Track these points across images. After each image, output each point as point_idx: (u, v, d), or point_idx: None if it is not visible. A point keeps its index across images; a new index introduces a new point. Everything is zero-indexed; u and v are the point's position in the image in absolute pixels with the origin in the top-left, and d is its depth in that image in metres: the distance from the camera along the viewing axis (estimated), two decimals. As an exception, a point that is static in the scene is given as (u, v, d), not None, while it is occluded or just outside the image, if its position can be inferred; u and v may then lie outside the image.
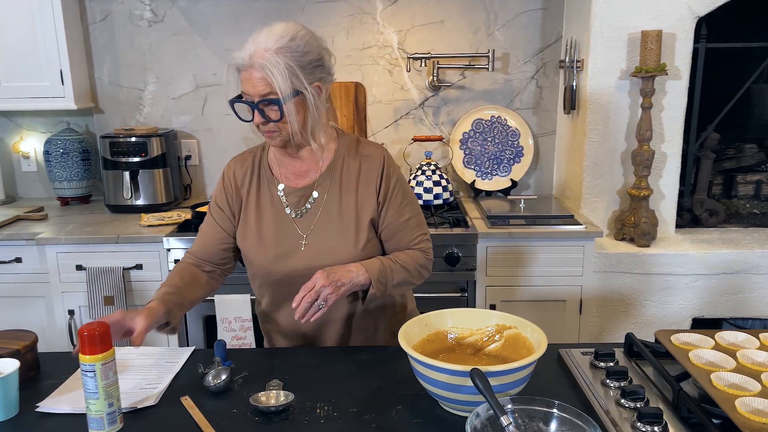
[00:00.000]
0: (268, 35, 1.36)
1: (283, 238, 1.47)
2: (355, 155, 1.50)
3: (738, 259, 2.51)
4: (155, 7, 2.92)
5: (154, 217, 2.66)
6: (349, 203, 1.48)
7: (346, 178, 1.49)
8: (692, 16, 2.51)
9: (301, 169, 1.51)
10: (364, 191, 1.48)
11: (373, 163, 1.49)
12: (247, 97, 1.37)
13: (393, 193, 1.49)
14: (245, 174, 1.54)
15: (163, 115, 3.03)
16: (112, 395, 1.15)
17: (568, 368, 1.33)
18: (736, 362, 1.16)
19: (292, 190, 1.50)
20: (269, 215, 1.50)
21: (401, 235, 1.51)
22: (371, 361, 1.41)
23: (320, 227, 1.47)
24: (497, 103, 3.02)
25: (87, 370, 1.13)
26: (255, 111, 1.37)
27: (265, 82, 1.33)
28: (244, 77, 1.36)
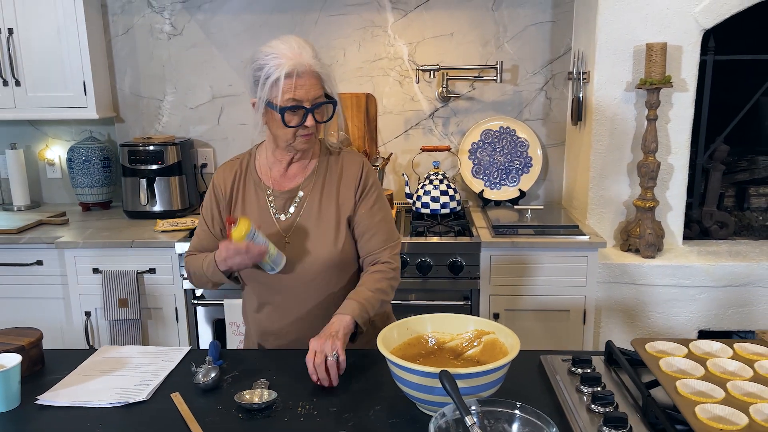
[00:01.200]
0: (303, 46, 1.46)
1: (269, 238, 1.54)
2: (337, 161, 1.61)
3: (745, 272, 2.49)
4: (175, 20, 3.03)
5: (168, 222, 2.75)
6: (330, 205, 1.56)
7: (328, 182, 1.58)
8: (699, 28, 2.52)
9: (290, 174, 1.60)
10: (345, 193, 1.57)
11: (354, 167, 1.60)
12: (298, 103, 1.44)
13: (368, 193, 1.59)
14: (234, 180, 1.62)
15: (181, 124, 3.14)
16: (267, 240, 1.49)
17: (547, 374, 1.36)
18: (705, 370, 1.17)
19: (279, 193, 1.59)
20: (254, 218, 1.57)
21: (370, 235, 1.57)
22: (356, 364, 1.46)
23: (302, 227, 1.56)
24: (506, 114, 3.05)
25: (251, 236, 1.44)
26: (310, 114, 1.45)
27: (319, 86, 1.46)
28: (297, 83, 1.42)
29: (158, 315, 2.63)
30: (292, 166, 1.59)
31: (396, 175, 3.14)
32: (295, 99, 1.43)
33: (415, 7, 2.97)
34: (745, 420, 1.01)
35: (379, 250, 1.58)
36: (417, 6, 2.97)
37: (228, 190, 1.62)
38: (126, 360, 1.49)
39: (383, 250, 1.58)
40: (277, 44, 1.44)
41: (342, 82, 3.06)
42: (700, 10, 2.49)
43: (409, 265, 2.50)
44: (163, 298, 2.61)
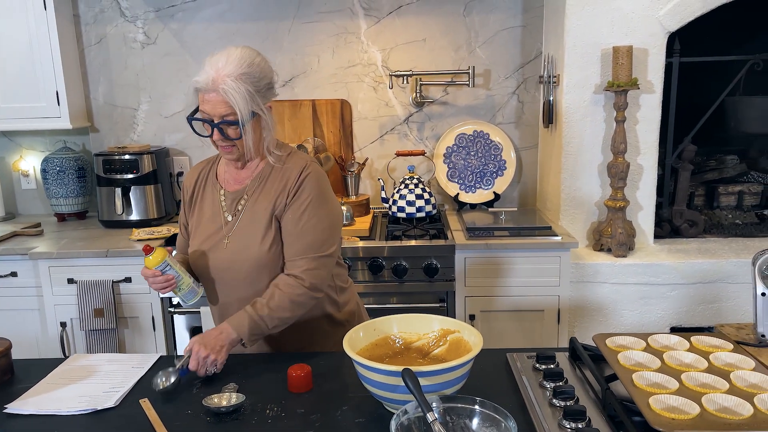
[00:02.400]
0: (227, 61, 1.47)
1: (212, 236, 1.62)
2: (282, 165, 1.60)
3: (714, 269, 2.54)
4: (148, 29, 3.04)
5: (144, 231, 2.75)
6: (267, 206, 1.58)
7: (270, 185, 1.60)
8: (664, 31, 2.57)
9: (240, 176, 1.64)
10: (280, 197, 1.58)
11: (292, 172, 1.58)
12: (206, 116, 1.49)
13: (299, 199, 1.56)
14: (197, 179, 1.70)
15: (156, 133, 3.14)
16: (185, 271, 1.55)
17: (512, 371, 1.39)
18: (661, 363, 1.20)
19: (228, 194, 1.64)
20: (208, 216, 1.65)
21: (290, 242, 1.56)
22: (326, 365, 1.47)
23: (240, 227, 1.60)
24: (480, 118, 3.09)
25: (164, 267, 1.50)
26: (215, 129, 1.49)
27: (227, 105, 1.46)
28: (206, 98, 1.48)
29: (135, 324, 2.62)
30: (241, 171, 1.64)
31: (372, 179, 3.16)
32: (204, 112, 1.49)
33: (387, 13, 3.00)
34: (697, 409, 1.04)
35: (295, 258, 1.55)
36: (389, 12, 3.00)
37: (191, 190, 1.70)
38: (95, 368, 1.50)
39: (299, 260, 1.55)
40: (212, 56, 1.50)
41: (317, 89, 3.08)
42: (664, 14, 2.55)
43: (386, 268, 2.52)
44: (140, 306, 2.60)
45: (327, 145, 3.08)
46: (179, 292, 1.55)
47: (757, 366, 1.18)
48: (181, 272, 1.54)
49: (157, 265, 1.49)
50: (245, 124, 1.48)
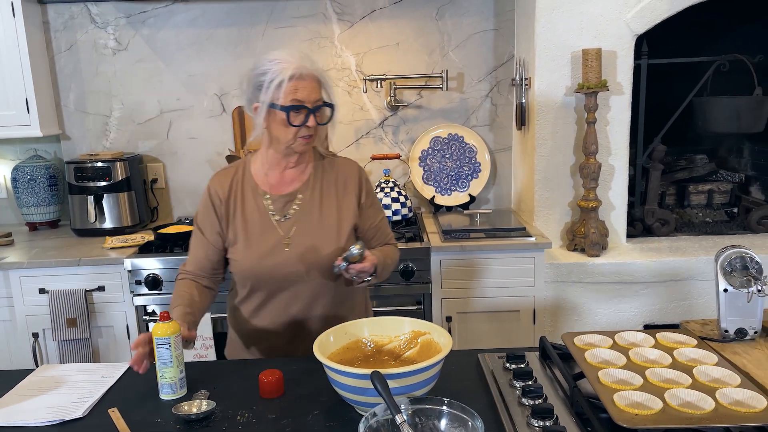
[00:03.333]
0: (303, 54, 1.57)
1: (268, 240, 1.62)
2: (333, 165, 1.70)
3: (685, 267, 2.59)
4: (119, 36, 3.01)
5: (117, 239, 2.72)
6: (330, 206, 1.65)
7: (326, 186, 1.67)
8: (631, 34, 2.61)
9: (286, 179, 1.67)
10: (343, 197, 1.67)
11: (351, 172, 1.70)
12: (300, 103, 1.52)
13: (370, 198, 1.72)
14: (230, 186, 1.67)
15: (129, 140, 3.12)
16: (181, 363, 1.38)
17: (483, 371, 1.40)
18: (627, 359, 1.22)
19: (277, 197, 1.65)
20: (255, 221, 1.64)
21: (380, 233, 1.75)
22: (298, 370, 1.47)
23: (302, 228, 1.63)
24: (454, 121, 3.11)
25: (162, 343, 1.35)
26: (311, 115, 1.54)
27: (319, 90, 1.56)
28: (300, 86, 1.52)
29: (109, 333, 2.59)
30: (287, 172, 1.66)
31: (348, 184, 3.16)
32: (298, 100, 1.51)
33: (360, 18, 3.02)
34: (660, 405, 1.06)
35: (389, 238, 1.78)
36: (362, 17, 3.01)
37: (225, 197, 1.66)
38: (64, 378, 1.48)
39: (390, 237, 1.79)
40: (278, 53, 1.55)
41: (291, 94, 3.07)
42: (631, 16, 2.59)
43: (361, 272, 2.52)
44: (114, 315, 2.57)
45: (302, 149, 3.08)
46: (160, 378, 1.37)
47: (720, 361, 1.21)
48: (176, 361, 1.37)
49: (164, 336, 1.35)
50: (335, 107, 1.59)
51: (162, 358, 1.35)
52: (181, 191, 3.17)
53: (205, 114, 3.09)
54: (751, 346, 1.32)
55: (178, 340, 1.37)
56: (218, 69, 3.05)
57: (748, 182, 3.18)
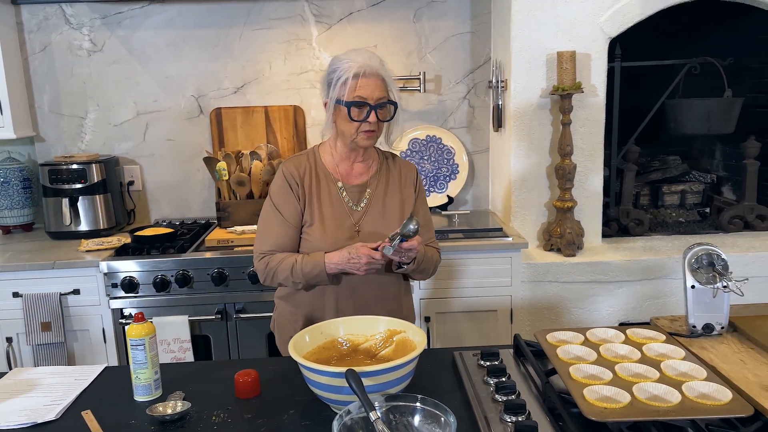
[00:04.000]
0: (371, 56, 1.66)
1: (341, 225, 1.73)
2: (395, 165, 1.84)
3: (658, 266, 2.63)
4: (94, 37, 2.99)
5: (93, 242, 2.70)
6: (394, 199, 1.79)
7: (391, 181, 1.81)
8: (605, 37, 2.66)
9: (356, 171, 1.79)
10: (405, 190, 1.81)
11: (411, 171, 1.86)
12: (363, 100, 1.62)
13: (422, 197, 1.87)
14: (305, 171, 1.76)
15: (105, 141, 3.09)
16: (156, 364, 1.38)
17: (458, 369, 1.41)
18: (597, 355, 1.25)
19: (349, 187, 1.77)
20: (328, 206, 1.74)
21: (424, 230, 1.79)
22: (274, 370, 1.47)
23: (370, 217, 1.76)
24: (432, 122, 3.13)
25: (137, 344, 1.35)
26: (372, 111, 1.63)
27: (383, 88, 1.65)
28: (363, 83, 1.62)
29: (84, 337, 2.56)
30: (356, 165, 1.78)
31: (327, 185, 3.16)
32: (361, 96, 1.61)
33: (338, 20, 3.02)
34: (628, 398, 1.08)
35: (431, 240, 1.84)
36: (340, 19, 3.02)
37: (300, 179, 1.74)
38: (37, 381, 1.46)
39: (433, 241, 1.85)
40: (350, 52, 1.67)
41: (269, 95, 3.08)
42: (605, 20, 2.64)
43: (339, 273, 2.52)
44: (89, 319, 2.54)
45: (281, 151, 3.08)
46: (135, 380, 1.37)
47: (687, 355, 1.23)
48: (151, 362, 1.36)
49: (139, 337, 1.34)
50: (398, 105, 1.69)
51: (136, 359, 1.35)
52: (158, 193, 3.15)
53: (183, 116, 3.08)
54: (717, 341, 1.35)
55: (153, 341, 1.36)
56: (195, 70, 3.04)
57: (720, 182, 3.25)
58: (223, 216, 2.82)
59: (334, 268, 1.66)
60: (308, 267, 1.67)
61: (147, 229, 2.74)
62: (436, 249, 1.86)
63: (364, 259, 1.61)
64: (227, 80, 3.06)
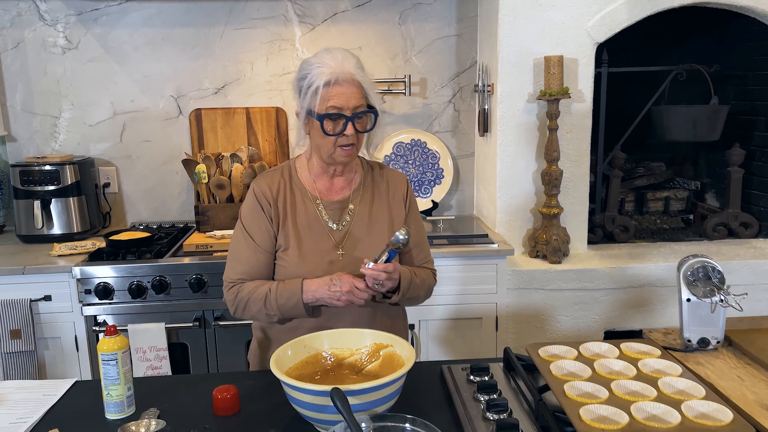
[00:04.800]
0: (346, 57, 1.49)
1: (322, 247, 1.56)
2: (382, 177, 1.66)
3: (644, 273, 2.61)
4: (69, 34, 2.89)
5: (66, 246, 2.60)
6: (381, 215, 1.60)
7: (377, 195, 1.63)
8: (592, 42, 2.63)
9: (336, 186, 1.61)
10: (393, 205, 1.63)
11: (400, 183, 1.67)
12: (338, 110, 1.45)
13: (414, 211, 1.68)
14: (278, 189, 1.59)
15: (80, 142, 2.99)
16: (129, 380, 1.30)
17: (447, 384, 1.36)
18: (592, 371, 1.20)
19: (328, 203, 1.59)
20: (305, 227, 1.57)
21: (417, 250, 1.65)
22: (254, 385, 1.41)
23: (354, 236, 1.58)
24: (417, 126, 3.08)
25: (109, 359, 1.26)
26: (350, 123, 1.46)
27: (360, 95, 1.47)
28: (336, 92, 1.45)
29: (56, 345, 2.46)
30: (336, 180, 1.61)
31: (309, 189, 3.10)
32: (335, 107, 1.45)
33: (322, 20, 2.96)
34: (626, 419, 1.04)
35: (425, 261, 1.68)
36: (324, 20, 2.96)
37: (273, 199, 1.58)
38: (2, 397, 1.38)
39: (428, 262, 1.69)
40: (322, 54, 1.49)
41: (251, 96, 3.01)
42: (592, 25, 2.61)
43: (322, 280, 2.46)
44: (61, 326, 2.45)
45: (262, 153, 3.01)
46: (107, 397, 1.29)
47: (684, 372, 1.20)
48: (124, 377, 1.29)
49: (111, 351, 1.26)
50: (378, 113, 1.51)
51: (108, 374, 1.27)
52: (135, 196, 3.06)
53: (161, 116, 2.99)
54: (713, 356, 1.32)
55: (126, 356, 1.29)
56: (175, 70, 2.96)
57: (704, 189, 3.25)
58: (202, 220, 2.74)
59: (311, 297, 1.47)
60: (283, 297, 1.48)
61: (123, 233, 2.65)
62: (431, 271, 1.67)
63: (346, 287, 1.42)
64: (207, 80, 2.98)
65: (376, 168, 1.68)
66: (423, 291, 1.62)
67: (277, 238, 1.57)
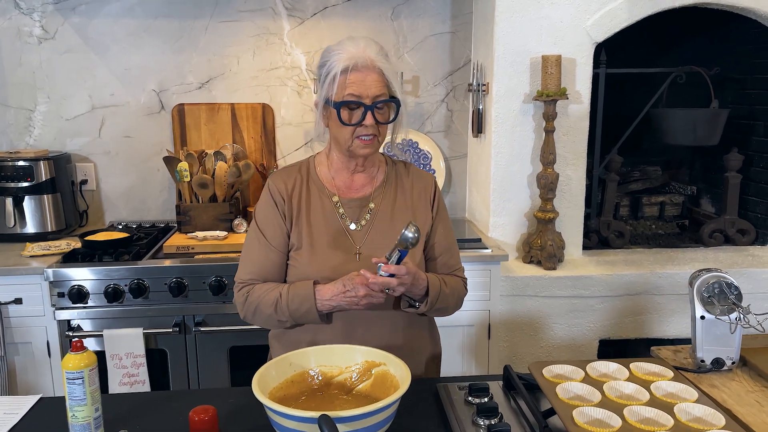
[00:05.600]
0: (368, 45, 1.39)
1: (338, 248, 1.46)
2: (407, 175, 1.56)
3: (640, 281, 2.54)
4: (46, 23, 2.76)
5: (39, 246, 2.47)
6: (404, 215, 1.49)
7: (400, 194, 1.52)
8: (591, 42, 2.55)
9: (357, 183, 1.52)
10: (418, 206, 1.52)
11: (427, 184, 1.56)
12: (357, 98, 1.36)
13: (443, 213, 1.57)
14: (294, 185, 1.51)
15: (56, 137, 2.86)
16: (97, 400, 1.19)
17: (443, 405, 1.27)
18: (602, 395, 1.11)
19: (347, 201, 1.50)
20: (321, 225, 1.48)
21: (446, 256, 1.55)
22: (235, 404, 1.31)
23: (373, 237, 1.47)
24: (408, 125, 2.96)
25: (74, 378, 1.15)
26: (369, 113, 1.37)
27: (381, 83, 1.38)
28: (355, 79, 1.36)
29: (27, 351, 2.34)
30: (357, 176, 1.52)
31: (296, 189, 2.99)
32: (354, 94, 1.36)
33: (312, 14, 2.86)
34: (643, 451, 0.95)
35: (457, 268, 1.58)
36: (314, 14, 2.86)
37: (287, 195, 1.49)
38: (-42, 416, 1.27)
39: (458, 270, 1.58)
40: (344, 41, 1.41)
41: (236, 92, 2.89)
42: (591, 24, 2.53)
43: (308, 285, 2.36)
44: (32, 331, 2.32)
45: (247, 152, 2.90)
46: (72, 419, 1.18)
47: (700, 397, 1.11)
48: (91, 397, 1.18)
49: (77, 369, 1.16)
50: (401, 103, 1.41)
51: (74, 394, 1.16)
52: (113, 194, 2.93)
53: (142, 111, 2.87)
54: (728, 377, 1.24)
55: (94, 374, 1.18)
56: (157, 63, 2.83)
57: (699, 194, 3.18)
58: (184, 220, 2.62)
59: (327, 305, 1.38)
60: (295, 302, 1.38)
61: (100, 233, 2.53)
62: (461, 279, 1.56)
63: (362, 291, 1.33)
64: (191, 75, 2.86)
65: (401, 166, 1.58)
66: (453, 301, 1.52)
67: (290, 236, 1.48)
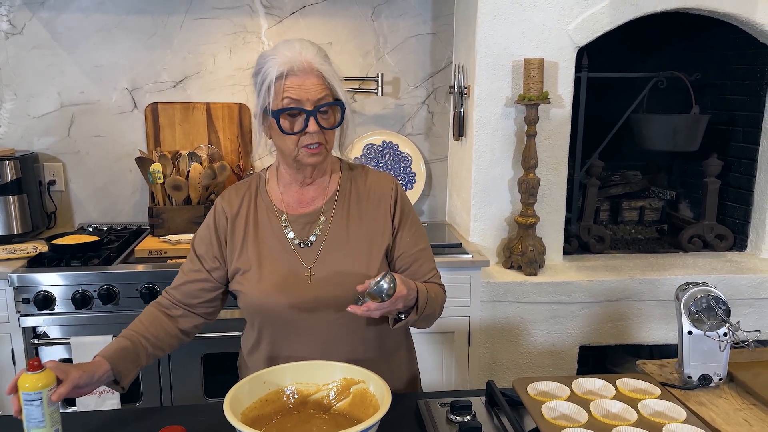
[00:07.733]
0: (304, 47, 1.31)
1: (287, 269, 1.37)
2: (365, 182, 1.44)
3: (620, 287, 2.52)
4: (13, 17, 2.65)
5: (3, 250, 2.38)
6: (359, 229, 1.39)
7: (354, 204, 1.41)
8: (573, 45, 2.52)
9: (307, 197, 1.42)
10: (376, 216, 1.41)
11: (386, 189, 1.43)
12: (297, 104, 1.28)
13: (407, 218, 1.43)
14: (241, 205, 1.42)
15: (23, 135, 2.75)
16: (57, 421, 1.14)
17: (424, 423, 1.22)
18: (588, 415, 1.08)
19: (295, 218, 1.40)
20: (269, 246, 1.38)
21: (418, 264, 1.43)
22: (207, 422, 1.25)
23: (328, 255, 1.37)
24: (388, 128, 2.94)
25: (32, 399, 1.09)
26: (312, 118, 1.28)
27: (322, 87, 1.29)
28: (293, 83, 1.27)
29: (-11, 359, 2.25)
30: (308, 189, 1.42)
31: (273, 191, 2.92)
32: (293, 99, 1.27)
33: (290, 13, 2.79)
34: (632, 477, 0.92)
35: (429, 276, 1.45)
36: (292, 12, 2.79)
37: (232, 217, 1.41)
38: None
39: (434, 276, 1.46)
40: (278, 45, 1.33)
41: (212, 91, 2.82)
42: (573, 28, 2.51)
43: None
44: (-5, 340, 2.23)
45: (223, 152, 2.82)
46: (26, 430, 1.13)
47: (689, 416, 1.08)
48: (50, 419, 1.12)
49: (34, 390, 1.09)
50: (345, 105, 1.32)
51: (31, 416, 1.09)
52: (83, 195, 2.83)
53: (114, 110, 2.78)
54: (715, 394, 1.21)
55: (52, 392, 1.11)
56: (129, 60, 2.74)
57: (678, 199, 3.19)
58: (157, 223, 2.54)
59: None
60: None
61: (68, 236, 2.44)
62: (439, 285, 1.46)
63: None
64: (165, 73, 2.77)
65: (359, 171, 1.46)
66: (438, 306, 1.42)
67: (229, 262, 1.40)
